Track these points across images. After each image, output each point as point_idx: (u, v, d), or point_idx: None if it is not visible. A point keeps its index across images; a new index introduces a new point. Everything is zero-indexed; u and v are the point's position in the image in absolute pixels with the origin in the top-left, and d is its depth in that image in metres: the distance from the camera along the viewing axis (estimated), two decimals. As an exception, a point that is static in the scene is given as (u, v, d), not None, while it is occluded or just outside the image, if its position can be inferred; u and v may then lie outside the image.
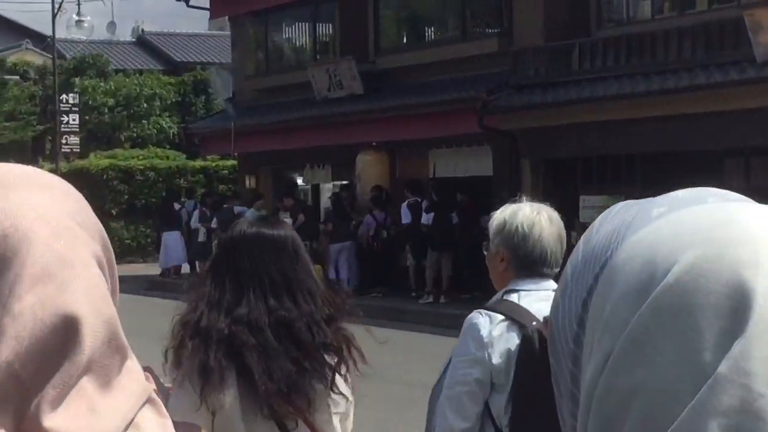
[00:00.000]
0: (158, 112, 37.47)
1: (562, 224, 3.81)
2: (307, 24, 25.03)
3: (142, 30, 46.89)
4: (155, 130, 36.97)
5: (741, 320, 0.75)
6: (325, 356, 3.31)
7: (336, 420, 3.39)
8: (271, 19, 25.44)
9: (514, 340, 3.64)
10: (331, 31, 24.16)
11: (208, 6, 26.59)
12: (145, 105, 37.25)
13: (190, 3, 26.50)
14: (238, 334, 3.21)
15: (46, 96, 35.84)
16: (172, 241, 25.58)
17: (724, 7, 16.91)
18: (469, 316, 3.77)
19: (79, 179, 31.07)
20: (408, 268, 20.83)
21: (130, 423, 1.04)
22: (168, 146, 35.78)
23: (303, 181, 24.02)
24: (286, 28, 25.80)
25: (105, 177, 30.99)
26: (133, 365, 1.10)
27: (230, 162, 30.73)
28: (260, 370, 3.17)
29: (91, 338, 1.01)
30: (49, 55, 36.97)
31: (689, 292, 0.77)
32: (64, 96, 33.47)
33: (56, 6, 32.42)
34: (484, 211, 19.88)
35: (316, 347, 3.28)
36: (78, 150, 33.53)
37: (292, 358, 3.23)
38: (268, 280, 3.31)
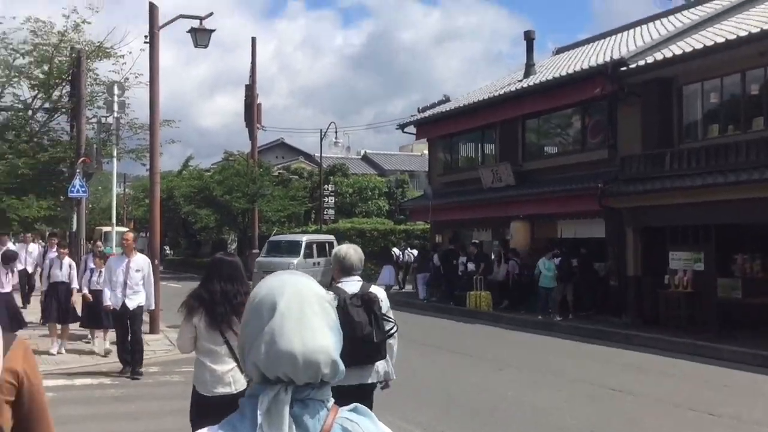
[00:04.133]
0: (376, 197, 36.50)
1: (361, 252, 4.57)
2: (476, 141, 23.15)
3: (365, 152, 47.03)
4: (375, 207, 35.95)
5: (272, 314, 1.24)
6: (240, 307, 3.89)
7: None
8: (453, 139, 23.75)
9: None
10: (492, 145, 22.13)
11: (414, 132, 25.05)
12: (369, 193, 36.41)
13: (404, 130, 25.04)
14: (203, 295, 4.16)
15: (313, 187, 35.40)
16: (388, 270, 23.91)
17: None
18: None
19: (332, 234, 30.09)
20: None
21: None
22: (384, 216, 34.71)
23: (474, 239, 21.77)
24: (462, 145, 23.94)
25: (347, 234, 29.49)
26: None
27: (420, 225, 28.99)
28: (211, 310, 4.12)
29: None
30: (314, 165, 36.79)
31: (260, 304, 1.26)
32: (325, 187, 32.93)
33: (322, 135, 31.80)
34: (600, 260, 17.44)
35: (238, 303, 4.05)
36: (333, 218, 32.78)
37: (227, 305, 4.10)
38: (224, 276, 4.15)
